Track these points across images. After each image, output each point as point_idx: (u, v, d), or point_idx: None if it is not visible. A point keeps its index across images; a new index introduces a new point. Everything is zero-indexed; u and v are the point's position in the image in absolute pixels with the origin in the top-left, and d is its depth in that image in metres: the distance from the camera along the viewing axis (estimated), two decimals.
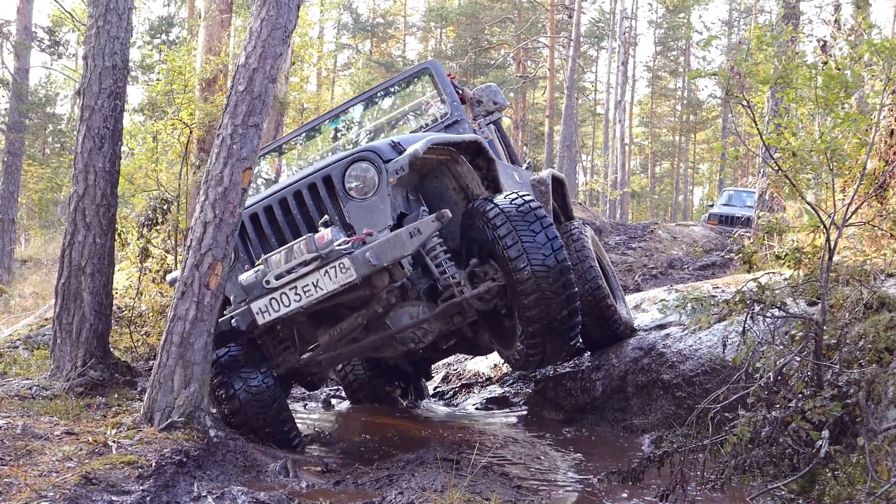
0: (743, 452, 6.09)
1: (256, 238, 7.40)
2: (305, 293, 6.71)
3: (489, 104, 8.94)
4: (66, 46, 34.95)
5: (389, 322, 7.51)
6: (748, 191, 29.30)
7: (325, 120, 9.89)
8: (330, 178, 7.19)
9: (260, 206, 7.39)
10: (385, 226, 6.98)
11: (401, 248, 6.57)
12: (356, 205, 7.08)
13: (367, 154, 7.13)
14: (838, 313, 7.24)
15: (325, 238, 6.68)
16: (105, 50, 8.80)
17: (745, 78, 6.93)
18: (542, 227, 6.94)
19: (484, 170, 7.94)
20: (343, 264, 6.58)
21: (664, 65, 69.17)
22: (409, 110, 9.81)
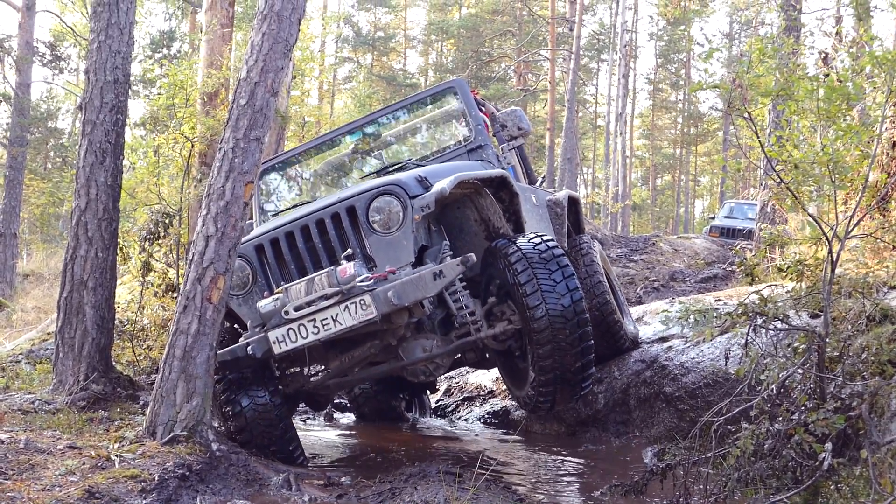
0: (746, 465, 6.08)
1: (275, 263, 7.36)
2: (324, 326, 6.69)
3: (513, 129, 8.75)
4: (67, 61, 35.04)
5: (402, 353, 7.47)
6: (750, 203, 29.27)
7: (345, 132, 9.70)
8: (354, 209, 7.13)
9: (281, 232, 7.35)
10: (407, 262, 6.93)
11: (423, 290, 6.54)
12: (378, 238, 7.03)
13: (393, 188, 7.06)
14: (841, 325, 7.23)
15: (347, 272, 6.66)
16: (106, 64, 8.81)
17: (746, 90, 6.93)
18: (563, 276, 6.89)
19: (506, 202, 7.87)
20: (364, 301, 6.56)
21: (665, 77, 69.20)
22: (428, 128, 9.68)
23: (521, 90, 46.88)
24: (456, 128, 9.02)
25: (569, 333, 6.81)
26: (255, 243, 7.39)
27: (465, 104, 8.97)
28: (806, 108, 7.29)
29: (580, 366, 6.96)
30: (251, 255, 7.37)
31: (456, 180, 7.03)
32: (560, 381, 7.03)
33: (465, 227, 7.74)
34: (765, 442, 6.08)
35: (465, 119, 8.90)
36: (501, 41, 53.82)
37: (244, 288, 7.35)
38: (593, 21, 58.92)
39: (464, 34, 53.73)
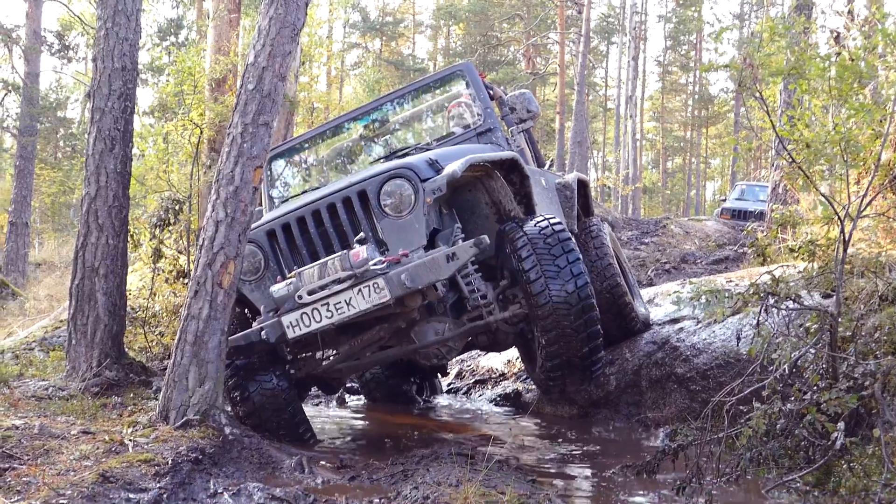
0: (758, 445, 6.07)
1: (287, 249, 7.34)
2: (337, 310, 6.67)
3: (522, 112, 8.71)
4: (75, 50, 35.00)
5: (414, 336, 7.46)
6: (761, 185, 29.20)
7: (352, 118, 9.66)
8: (365, 193, 7.11)
9: (292, 217, 7.33)
10: (419, 245, 6.91)
11: (437, 272, 6.52)
12: (390, 222, 7.01)
13: (404, 171, 7.03)
14: (853, 305, 7.22)
15: (360, 256, 6.63)
16: (114, 52, 8.81)
17: (757, 70, 6.91)
18: (567, 261, 6.86)
19: (517, 185, 7.84)
20: (377, 284, 6.54)
21: (675, 59, 69.08)
22: (437, 112, 9.63)
23: (531, 74, 46.85)
24: (464, 112, 8.96)
25: (573, 320, 6.79)
26: (267, 229, 7.38)
27: (474, 88, 8.93)
28: (818, 88, 7.27)
29: (587, 351, 6.95)
30: (263, 240, 7.36)
31: (467, 163, 7.01)
32: (567, 366, 7.03)
33: (477, 209, 7.72)
34: (777, 422, 6.07)
35: (474, 102, 8.86)
36: (510, 25, 53.76)
37: (256, 273, 7.35)
38: (602, 3, 59.14)
39: (472, 18, 53.68)
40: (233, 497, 5.58)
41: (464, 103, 8.98)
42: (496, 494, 5.36)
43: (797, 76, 7.00)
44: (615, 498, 6.14)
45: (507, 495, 5.31)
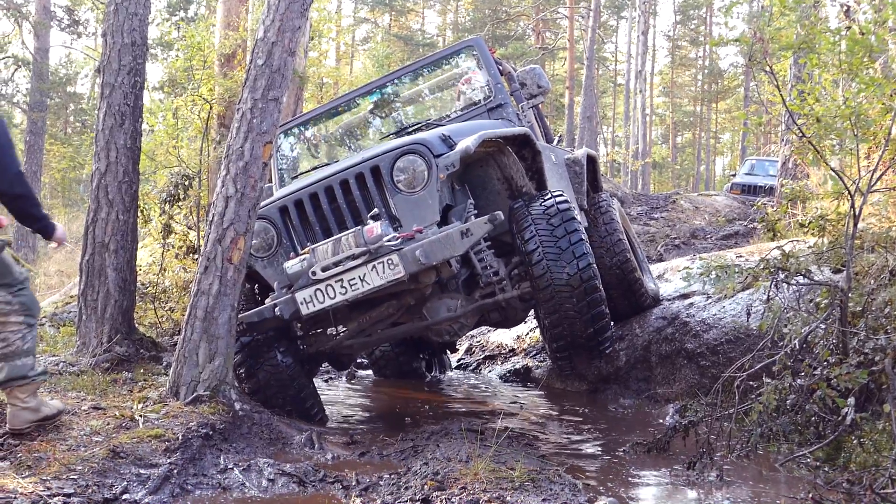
0: (768, 420, 6.08)
1: (300, 225, 7.33)
2: (352, 286, 6.67)
3: (533, 87, 8.67)
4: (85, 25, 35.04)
5: (426, 312, 7.45)
6: (771, 160, 29.11)
7: (362, 94, 9.60)
8: (378, 168, 7.09)
9: (305, 193, 7.31)
10: (432, 221, 6.90)
11: (451, 248, 6.50)
12: (403, 198, 6.99)
13: (417, 147, 7.01)
14: (863, 280, 7.21)
15: (374, 232, 6.62)
16: (124, 27, 8.79)
17: (767, 44, 6.88)
18: (570, 242, 6.85)
19: (529, 161, 7.81)
20: (392, 260, 6.53)
21: (685, 34, 68.83)
22: (447, 87, 9.58)
23: (540, 49, 46.70)
24: (475, 87, 8.92)
25: (576, 301, 6.79)
26: (279, 205, 7.37)
27: (484, 63, 8.90)
28: (828, 62, 7.25)
29: (591, 332, 6.94)
30: (275, 216, 7.35)
31: (480, 139, 6.97)
32: (573, 346, 7.02)
33: (489, 185, 7.69)
34: (787, 397, 6.08)
35: (484, 76, 8.82)
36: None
37: (269, 250, 7.34)
38: None
39: None
40: (243, 472, 5.60)
41: (473, 79, 8.94)
42: (506, 470, 5.37)
43: (807, 50, 6.98)
44: (625, 474, 6.15)
45: (516, 471, 5.32)
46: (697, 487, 5.74)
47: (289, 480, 5.59)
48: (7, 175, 5.66)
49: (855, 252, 6.97)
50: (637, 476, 6.12)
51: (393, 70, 10.57)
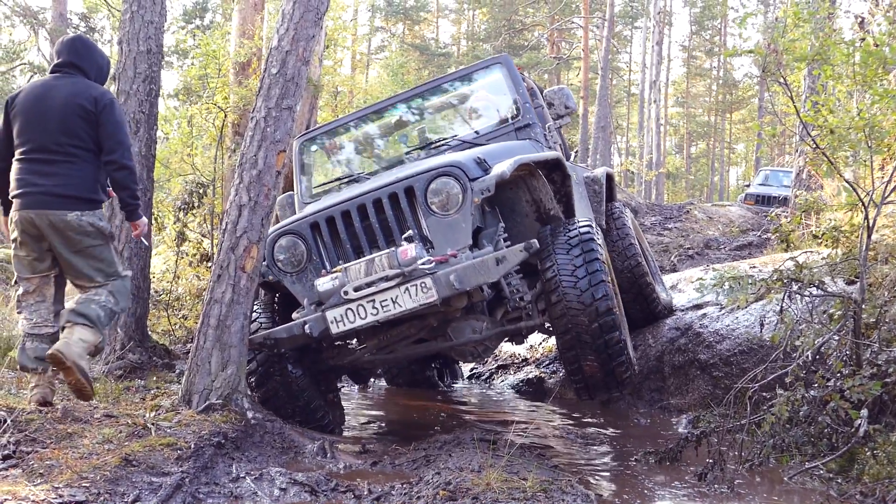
0: (781, 432, 6.07)
1: (331, 242, 7.26)
2: (383, 308, 6.60)
3: (560, 108, 8.61)
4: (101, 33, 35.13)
5: (451, 333, 7.37)
6: (785, 170, 29.09)
7: (387, 106, 9.50)
8: (412, 189, 7.01)
9: (337, 211, 7.23)
10: (464, 244, 6.83)
11: (485, 275, 6.44)
12: (437, 220, 6.92)
13: (453, 170, 6.93)
14: (877, 292, 7.20)
15: (408, 254, 6.56)
16: (139, 34, 8.83)
17: (781, 55, 6.88)
18: (587, 272, 6.74)
19: (558, 184, 7.79)
20: (425, 284, 6.47)
21: (699, 44, 68.82)
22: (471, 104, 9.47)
23: (555, 58, 46.73)
24: (503, 105, 8.84)
25: (591, 332, 6.68)
26: (311, 221, 7.30)
27: (512, 81, 8.80)
28: (842, 73, 7.25)
29: (607, 362, 6.81)
30: (306, 232, 7.28)
31: (516, 164, 6.93)
32: (589, 376, 6.97)
33: (517, 207, 7.64)
34: (800, 408, 6.07)
35: (511, 96, 8.75)
36: (534, 9, 53.59)
37: (298, 265, 7.26)
38: None
39: (496, 2, 53.52)
40: (255, 481, 5.60)
41: (487, 96, 8.91)
42: (518, 480, 5.36)
43: (821, 62, 6.98)
44: (638, 484, 6.15)
45: (529, 481, 5.31)
46: (709, 498, 5.73)
47: (301, 490, 5.59)
48: (123, 147, 6.31)
49: (869, 263, 6.97)
50: (649, 487, 6.11)
51: (409, 80, 10.46)
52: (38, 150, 6.23)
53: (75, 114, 6.21)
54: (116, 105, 6.42)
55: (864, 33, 11.04)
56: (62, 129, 6.22)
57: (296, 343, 7.05)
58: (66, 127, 6.21)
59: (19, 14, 28.49)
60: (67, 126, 6.21)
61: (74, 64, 6.52)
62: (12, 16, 29.39)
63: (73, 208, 6.18)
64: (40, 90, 6.37)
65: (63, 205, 6.16)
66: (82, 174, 6.27)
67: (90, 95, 6.28)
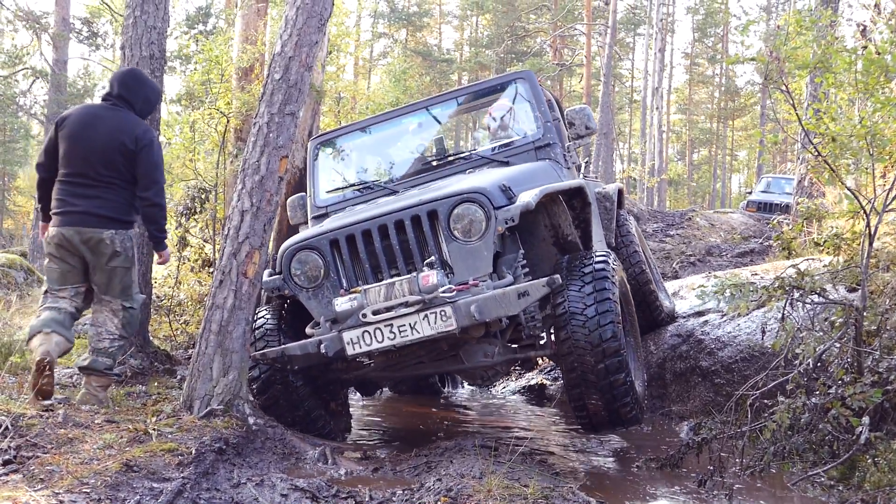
0: (782, 439, 6.07)
1: (350, 260, 7.16)
2: (401, 332, 6.56)
3: (581, 128, 8.45)
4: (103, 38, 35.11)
5: (463, 355, 7.28)
6: (787, 177, 29.09)
7: (405, 113, 9.35)
8: (436, 213, 6.93)
9: (358, 229, 7.12)
10: (485, 272, 6.78)
11: (506, 307, 6.40)
12: (458, 246, 6.85)
13: (478, 196, 6.84)
14: (878, 299, 7.21)
15: (429, 281, 6.52)
16: (142, 39, 8.84)
17: (783, 63, 6.89)
18: (597, 312, 6.69)
19: (578, 210, 7.82)
20: (445, 312, 6.43)
21: (701, 51, 68.86)
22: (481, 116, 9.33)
23: (557, 65, 46.72)
24: (523, 121, 8.76)
25: (596, 370, 6.65)
26: (331, 237, 7.20)
27: (534, 97, 8.69)
28: (844, 81, 7.25)
29: (611, 401, 6.76)
30: (326, 249, 7.18)
31: (542, 193, 6.91)
32: (592, 413, 6.92)
33: (535, 231, 7.57)
34: (801, 416, 6.07)
35: (532, 113, 8.61)
36: (537, 16, 53.66)
37: (316, 281, 7.16)
38: None
39: (499, 9, 53.64)
40: (256, 487, 5.60)
41: (508, 108, 8.84)
42: (520, 487, 5.37)
43: (823, 69, 6.98)
44: (639, 491, 6.16)
45: (530, 488, 5.32)
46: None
47: (302, 496, 5.59)
48: (157, 186, 6.92)
49: (870, 271, 6.97)
50: (650, 493, 6.12)
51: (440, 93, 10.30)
52: (79, 175, 6.84)
53: (116, 150, 6.81)
54: (155, 144, 6.99)
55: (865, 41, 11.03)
56: (103, 162, 6.80)
57: (310, 361, 6.99)
58: (107, 160, 6.80)
59: (22, 18, 28.51)
60: (107, 159, 6.80)
61: (123, 97, 7.06)
62: (15, 20, 29.41)
63: (108, 227, 6.81)
64: (88, 118, 6.93)
65: (100, 224, 6.80)
66: (118, 199, 6.90)
67: (132, 134, 6.86)
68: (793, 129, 13.00)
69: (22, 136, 42.01)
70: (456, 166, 8.44)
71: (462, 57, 59.77)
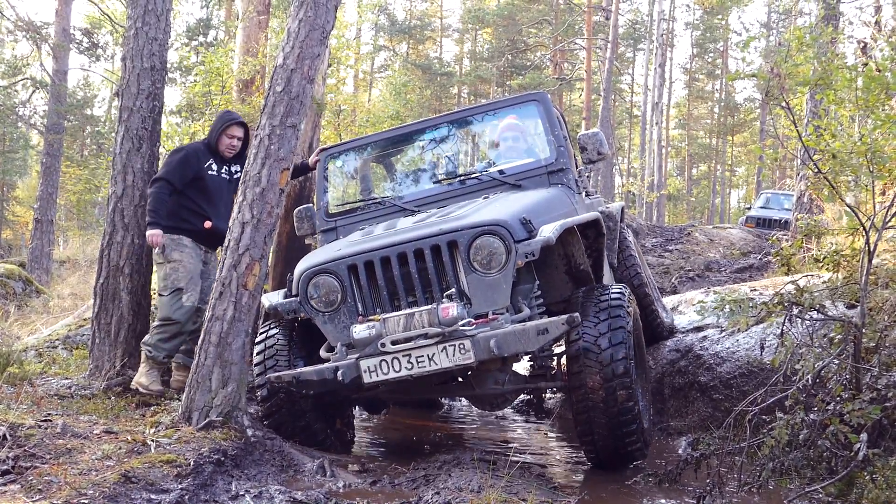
0: (780, 455, 6.07)
1: (368, 286, 7.11)
2: (418, 363, 6.54)
3: (593, 153, 8.44)
4: (104, 49, 35.19)
5: (473, 381, 7.36)
6: (786, 193, 29.16)
7: (417, 130, 9.35)
8: (456, 243, 6.91)
9: (377, 256, 7.07)
10: (503, 304, 6.77)
11: (525, 344, 6.41)
12: (477, 277, 6.83)
13: (498, 229, 6.81)
14: (877, 316, 7.21)
15: (449, 313, 6.53)
16: (143, 51, 8.84)
17: (784, 79, 6.90)
18: (610, 343, 6.76)
19: (591, 239, 7.86)
20: (464, 346, 6.43)
21: (701, 67, 68.95)
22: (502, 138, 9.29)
23: (557, 79, 46.81)
24: (535, 143, 8.73)
25: (605, 406, 6.70)
26: (349, 263, 7.15)
27: (548, 120, 8.68)
28: (844, 98, 7.26)
29: (619, 438, 6.84)
30: (343, 274, 7.14)
31: (562, 228, 6.92)
32: (599, 449, 6.96)
33: (549, 259, 7.58)
34: (800, 432, 6.07)
35: (546, 137, 8.60)
36: (537, 30, 53.72)
37: (333, 306, 7.12)
38: (630, 10, 58.75)
39: (500, 22, 53.63)
40: (254, 499, 5.60)
41: (519, 128, 8.83)
42: (518, 501, 5.37)
43: (824, 86, 6.99)
44: None
45: (528, 502, 5.32)
46: None
47: None
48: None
49: (869, 288, 6.97)
50: None
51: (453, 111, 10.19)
52: None
53: None
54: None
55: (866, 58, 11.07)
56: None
57: (325, 387, 6.96)
58: None
59: (22, 29, 28.53)
60: None
61: None
62: (15, 30, 29.42)
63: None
64: None
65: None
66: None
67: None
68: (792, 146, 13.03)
69: (21, 147, 42.00)
70: (467, 187, 8.45)
71: (462, 70, 59.82)
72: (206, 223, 8.27)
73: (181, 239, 8.30)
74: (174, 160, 8.47)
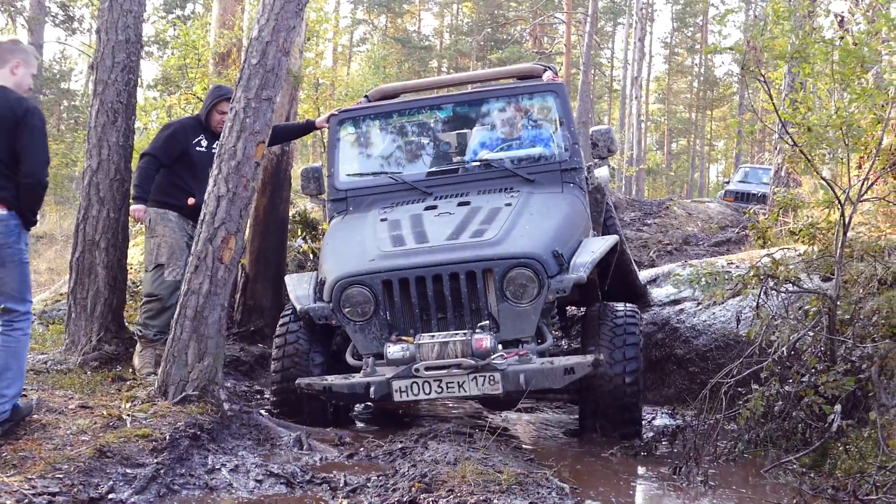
0: (756, 426, 6.11)
1: (401, 302, 7.16)
2: (448, 388, 6.68)
3: (603, 150, 8.55)
4: (80, 22, 34.99)
5: None
6: (764, 168, 29.20)
7: (431, 105, 9.35)
8: (491, 272, 6.99)
9: (412, 275, 7.11)
10: (529, 334, 6.94)
11: (551, 381, 6.61)
12: (509, 306, 6.95)
13: (533, 263, 6.91)
14: (852, 289, 7.24)
15: (482, 345, 6.63)
16: (118, 24, 8.76)
17: (761, 52, 6.91)
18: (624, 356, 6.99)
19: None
20: (494, 378, 6.56)
21: (681, 41, 68.97)
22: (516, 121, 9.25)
23: (537, 53, 46.69)
24: (553, 138, 8.70)
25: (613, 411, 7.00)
26: (384, 278, 7.16)
27: (563, 113, 8.75)
28: (821, 71, 7.27)
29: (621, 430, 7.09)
30: (378, 289, 7.16)
31: (592, 266, 7.08)
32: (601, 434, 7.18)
33: None
34: (775, 403, 6.12)
35: (559, 128, 8.67)
36: (518, 3, 53.62)
37: (364, 317, 7.16)
38: None
39: None
40: (230, 473, 5.61)
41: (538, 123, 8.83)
42: (494, 473, 5.38)
43: (801, 60, 7.00)
44: (613, 477, 6.18)
45: (504, 474, 5.33)
46: (683, 492, 5.76)
47: (276, 481, 5.61)
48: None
49: (844, 261, 6.99)
50: (624, 479, 6.15)
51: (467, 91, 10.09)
52: None
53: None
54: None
55: (843, 32, 11.08)
56: None
57: (354, 400, 7.35)
58: None
59: None
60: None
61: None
62: None
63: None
64: None
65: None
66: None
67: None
68: (770, 119, 13.03)
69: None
70: (481, 173, 8.51)
71: (442, 44, 59.69)
72: (189, 199, 8.26)
73: (167, 213, 8.31)
74: (162, 136, 8.65)
